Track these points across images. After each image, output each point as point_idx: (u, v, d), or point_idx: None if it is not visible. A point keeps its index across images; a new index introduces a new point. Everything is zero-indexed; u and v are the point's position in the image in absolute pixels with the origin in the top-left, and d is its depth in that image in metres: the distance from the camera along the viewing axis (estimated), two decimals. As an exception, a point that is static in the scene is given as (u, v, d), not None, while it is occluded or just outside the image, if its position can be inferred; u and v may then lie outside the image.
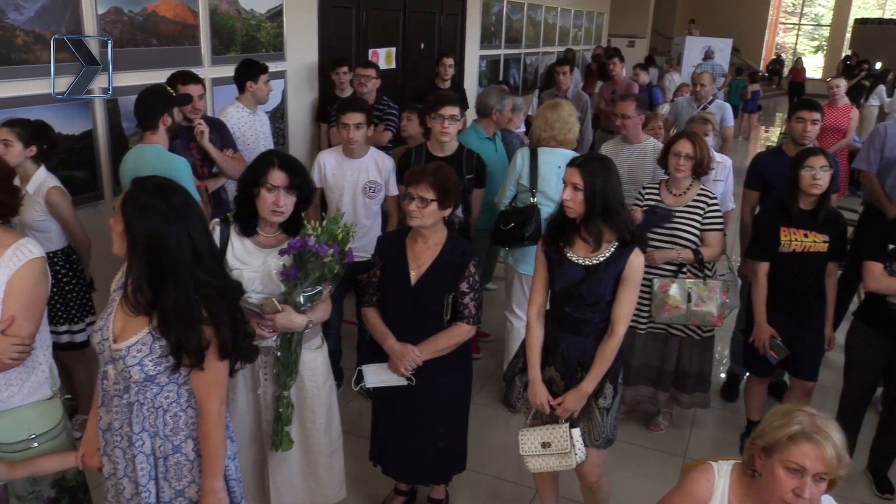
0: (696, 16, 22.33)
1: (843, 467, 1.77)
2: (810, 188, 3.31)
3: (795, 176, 3.34)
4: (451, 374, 2.92)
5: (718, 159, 4.20)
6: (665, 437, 4.00)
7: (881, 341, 3.37)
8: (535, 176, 3.82)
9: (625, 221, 2.61)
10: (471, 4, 9.36)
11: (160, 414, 2.04)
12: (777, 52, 26.09)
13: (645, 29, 18.84)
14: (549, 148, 3.88)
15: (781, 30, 28.09)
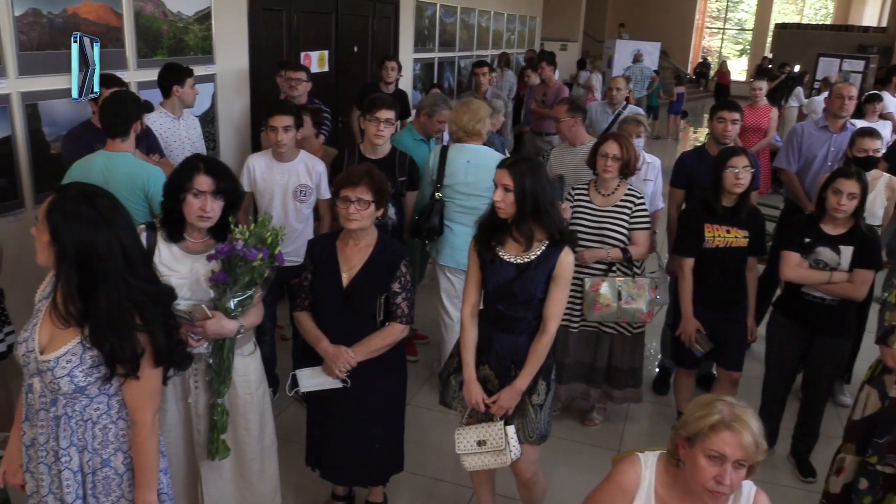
0: (626, 20, 22.87)
1: (760, 453, 1.85)
2: (733, 187, 3.44)
3: (719, 175, 3.46)
4: (386, 375, 2.93)
5: (648, 160, 4.32)
6: (599, 432, 4.08)
7: (798, 331, 3.53)
8: (443, 171, 4.01)
9: (554, 220, 2.65)
10: (404, 7, 9.36)
11: (89, 427, 1.99)
12: (704, 56, 26.96)
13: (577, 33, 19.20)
14: (459, 144, 4.07)
15: (707, 34, 29.04)
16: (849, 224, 3.38)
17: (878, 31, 22.67)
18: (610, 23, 23.73)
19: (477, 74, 6.86)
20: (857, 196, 3.29)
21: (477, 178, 3.93)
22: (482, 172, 3.83)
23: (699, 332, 3.59)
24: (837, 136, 4.80)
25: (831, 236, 3.39)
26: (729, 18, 29.38)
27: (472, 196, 4.00)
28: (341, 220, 2.77)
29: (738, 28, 29.46)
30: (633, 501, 2.00)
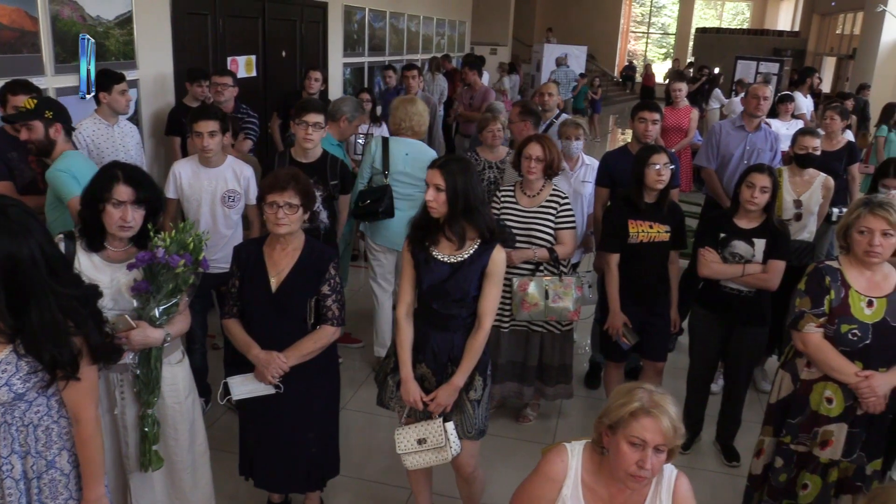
0: (554, 24, 23.29)
1: (679, 437, 1.93)
2: (655, 183, 3.55)
3: (641, 173, 3.58)
4: (319, 379, 2.93)
5: (587, 162, 4.43)
6: (534, 428, 4.16)
7: (718, 322, 3.67)
8: (388, 161, 4.34)
9: (485, 219, 2.70)
10: (332, 12, 9.33)
11: (31, 431, 1.98)
12: (629, 59, 27.66)
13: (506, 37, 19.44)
14: (399, 137, 4.44)
15: (632, 38, 29.83)
16: (761, 218, 3.54)
17: (792, 35, 23.74)
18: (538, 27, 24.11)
19: (406, 77, 6.90)
20: (768, 189, 3.45)
21: (413, 169, 4.32)
22: (418, 164, 4.23)
23: (626, 326, 3.70)
24: (753, 135, 5.01)
25: (745, 230, 3.54)
26: (652, 23, 30.24)
27: (408, 185, 4.38)
28: (269, 226, 2.75)
29: (662, 32, 30.35)
30: (561, 490, 2.06)
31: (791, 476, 2.93)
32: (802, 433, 2.86)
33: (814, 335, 2.76)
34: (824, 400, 2.80)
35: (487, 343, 2.82)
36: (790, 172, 4.38)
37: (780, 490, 2.96)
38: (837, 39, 20.48)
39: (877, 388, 2.67)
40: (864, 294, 2.72)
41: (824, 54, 21.31)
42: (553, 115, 5.60)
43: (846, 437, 2.80)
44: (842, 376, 2.72)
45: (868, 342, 2.68)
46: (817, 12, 22.51)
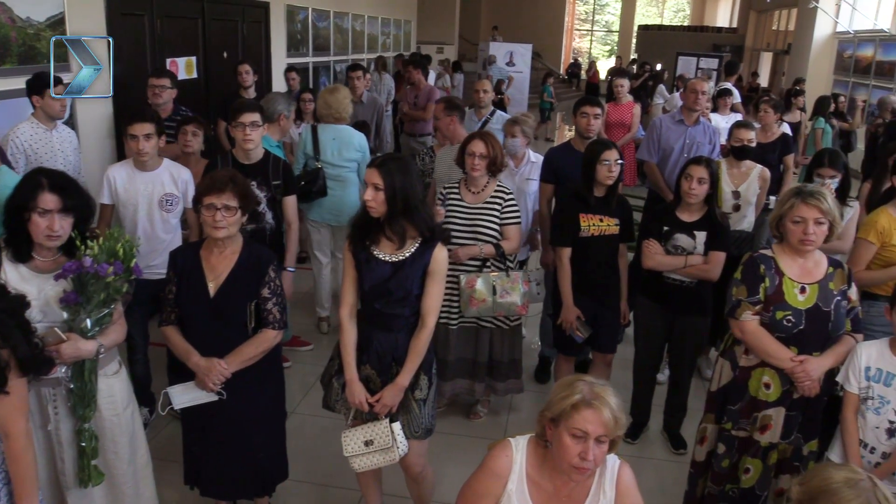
0: (500, 23, 23.43)
1: (620, 428, 1.95)
2: (605, 179, 3.60)
3: (592, 168, 3.61)
4: (263, 383, 2.88)
5: (533, 159, 4.45)
6: (485, 425, 4.17)
7: (661, 312, 3.74)
8: (318, 146, 4.85)
9: (425, 219, 2.69)
10: (274, 12, 9.21)
11: None
12: (575, 57, 27.99)
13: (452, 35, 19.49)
14: (326, 124, 4.97)
15: (577, 36, 30.22)
16: (703, 211, 3.61)
17: (730, 31, 24.36)
18: (484, 25, 24.24)
19: (351, 78, 6.85)
20: (706, 181, 3.52)
21: (340, 152, 4.92)
22: (344, 147, 4.92)
23: (579, 319, 3.74)
24: (692, 128, 5.12)
25: (687, 223, 3.61)
26: (596, 21, 30.69)
27: (336, 166, 4.93)
28: (207, 229, 2.69)
29: (606, 30, 30.82)
30: (507, 485, 2.06)
31: (733, 461, 2.99)
32: (742, 419, 2.93)
33: (750, 323, 2.82)
34: (762, 385, 2.87)
35: (435, 341, 2.81)
36: (728, 164, 4.48)
37: (723, 475, 3.02)
38: (773, 35, 21.07)
39: (811, 372, 2.75)
40: (797, 281, 2.79)
41: (761, 50, 21.91)
42: (488, 111, 5.63)
43: (784, 421, 2.88)
44: (778, 362, 2.79)
45: (802, 328, 2.75)
46: (754, 9, 23.12)
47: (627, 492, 2.06)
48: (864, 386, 2.73)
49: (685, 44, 19.91)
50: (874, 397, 2.71)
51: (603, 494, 2.05)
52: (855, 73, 14.01)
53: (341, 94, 5.00)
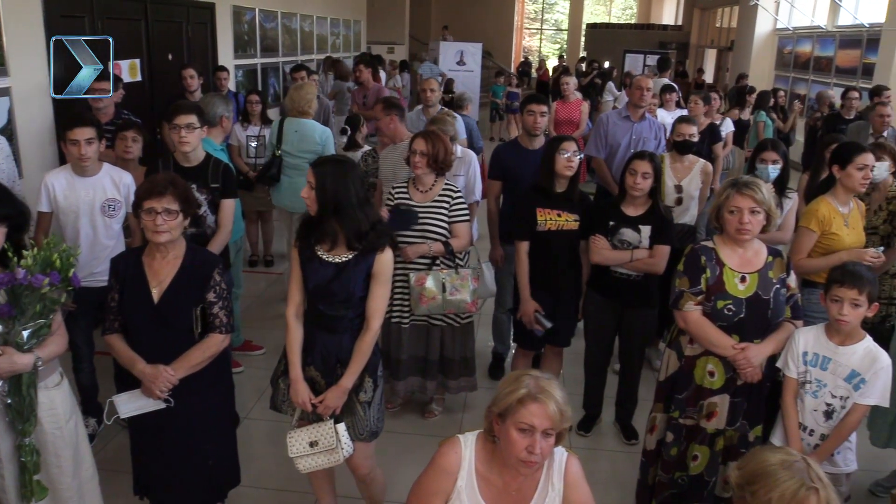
0: (450, 22, 23.47)
1: (566, 421, 1.97)
2: (564, 170, 3.64)
3: (551, 159, 3.65)
4: (211, 388, 2.85)
5: (459, 154, 4.47)
6: (440, 423, 4.18)
7: (610, 305, 3.79)
8: (281, 137, 5.49)
9: (356, 224, 2.64)
10: (220, 12, 9.07)
11: None
12: (525, 55, 28.18)
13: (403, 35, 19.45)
14: (290, 118, 5.52)
15: (527, 34, 30.44)
16: (647, 205, 3.68)
17: (675, 29, 24.82)
18: (434, 25, 24.26)
19: (295, 79, 6.80)
20: (650, 175, 3.58)
21: (301, 144, 5.42)
22: (305, 139, 5.41)
23: (538, 313, 3.77)
24: (638, 124, 5.21)
25: (632, 217, 3.67)
26: (545, 20, 30.96)
27: (294, 156, 5.43)
28: (148, 234, 2.65)
29: (555, 29, 31.10)
30: (457, 481, 2.07)
31: (682, 449, 3.06)
32: (689, 407, 3.00)
33: (693, 313, 2.89)
34: (707, 374, 2.94)
35: (387, 340, 2.81)
36: (671, 159, 4.57)
37: (673, 463, 3.08)
38: (717, 32, 21.53)
39: (752, 359, 2.83)
40: (737, 270, 2.86)
41: (706, 46, 22.37)
42: (436, 110, 5.66)
43: (729, 407, 2.95)
44: (720, 350, 2.87)
45: (742, 316, 2.83)
46: (698, 6, 23.60)
47: (575, 483, 2.09)
48: (802, 370, 2.82)
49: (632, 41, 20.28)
50: (812, 381, 2.80)
51: (551, 487, 2.08)
52: (795, 68, 14.40)
53: (305, 90, 5.54)
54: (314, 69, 9.85)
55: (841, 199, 3.59)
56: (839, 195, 3.60)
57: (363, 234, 2.65)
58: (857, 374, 2.73)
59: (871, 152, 3.61)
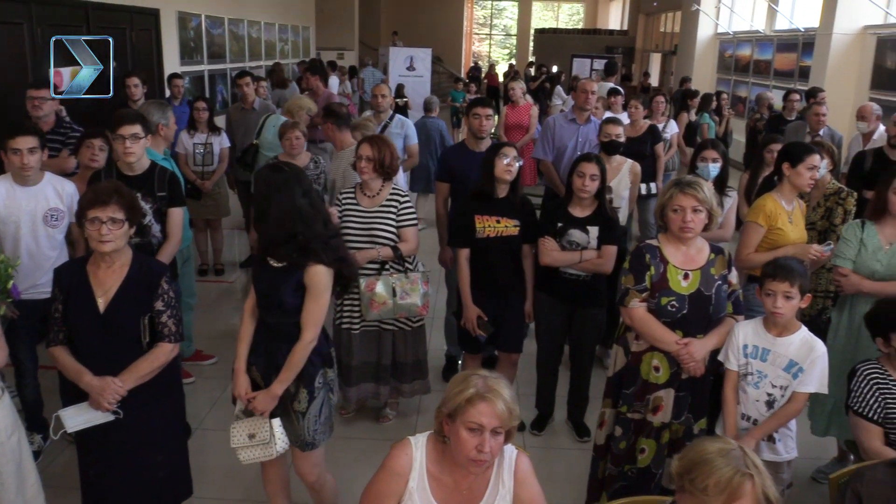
0: (399, 28, 23.52)
1: (514, 419, 2.01)
2: (504, 174, 3.66)
3: (491, 163, 3.68)
4: (162, 399, 2.81)
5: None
6: (394, 427, 4.18)
7: (560, 306, 3.85)
8: (262, 131, 5.98)
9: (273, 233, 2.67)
10: (165, 19, 8.96)
11: None
12: (475, 60, 28.36)
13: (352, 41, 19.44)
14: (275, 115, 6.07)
15: (477, 40, 30.65)
16: (593, 206, 3.74)
17: (621, 33, 25.30)
18: (384, 31, 24.29)
19: (240, 85, 6.75)
20: (597, 177, 3.65)
21: (274, 139, 5.66)
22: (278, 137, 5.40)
23: (480, 319, 3.80)
24: (584, 127, 5.30)
25: (579, 218, 3.73)
26: (495, 25, 31.21)
27: (269, 149, 5.80)
28: (93, 244, 2.60)
29: (504, 34, 31.38)
30: (408, 483, 2.09)
31: (630, 443, 3.13)
32: (636, 401, 3.07)
33: (638, 309, 2.96)
34: (652, 369, 3.02)
35: (338, 346, 2.81)
36: None
37: (622, 456, 3.15)
38: (661, 37, 22.00)
39: (695, 354, 2.91)
40: (680, 268, 2.95)
41: (651, 51, 22.84)
42: (387, 116, 5.68)
43: (674, 401, 3.03)
44: (664, 345, 2.94)
45: (685, 312, 2.91)
46: (642, 12, 24.09)
47: (525, 480, 2.12)
48: (742, 363, 2.91)
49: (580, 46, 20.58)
50: (753, 373, 2.90)
51: (502, 484, 2.11)
52: (736, 71, 14.82)
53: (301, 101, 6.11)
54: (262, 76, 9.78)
55: (787, 197, 3.71)
56: (785, 193, 3.72)
57: (278, 243, 2.67)
58: (795, 364, 2.83)
59: (818, 153, 3.74)
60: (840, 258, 3.43)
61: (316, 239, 2.68)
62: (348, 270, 2.82)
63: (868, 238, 3.38)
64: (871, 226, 3.41)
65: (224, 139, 6.24)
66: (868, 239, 3.38)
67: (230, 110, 7.29)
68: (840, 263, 3.42)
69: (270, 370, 2.76)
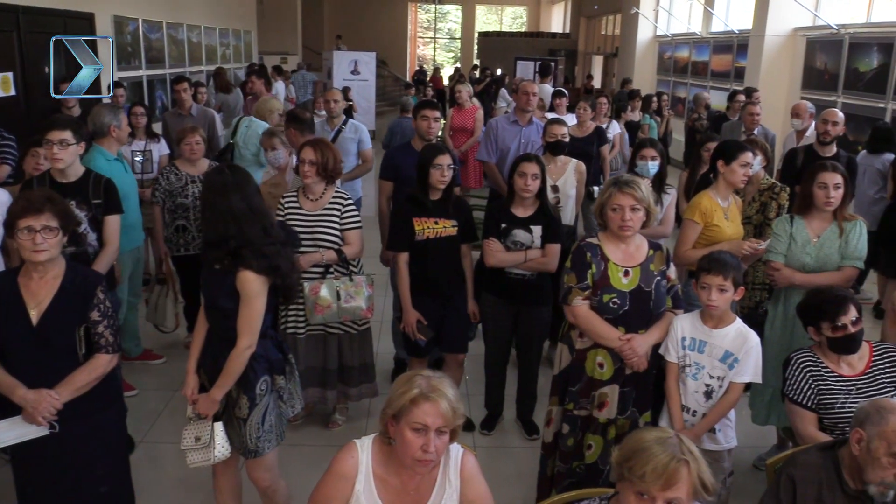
0: (343, 32, 23.43)
1: (458, 418, 2.02)
2: (438, 183, 3.68)
3: (425, 172, 3.69)
4: (102, 411, 2.75)
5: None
6: (344, 433, 4.14)
7: (506, 306, 3.88)
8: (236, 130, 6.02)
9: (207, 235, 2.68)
10: (100, 24, 8.74)
11: None
12: (420, 64, 28.41)
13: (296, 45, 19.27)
14: (249, 117, 6.15)
15: (421, 43, 30.71)
16: (536, 206, 3.78)
17: (563, 36, 25.64)
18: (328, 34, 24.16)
19: (177, 91, 6.64)
20: (538, 177, 3.69)
21: (245, 139, 5.87)
22: (249, 137, 5.83)
23: (420, 322, 3.80)
24: (526, 128, 5.36)
25: (523, 218, 3.77)
26: (439, 29, 31.32)
27: (241, 148, 5.90)
28: (25, 254, 2.53)
29: (449, 37, 31.51)
30: (355, 486, 2.08)
31: (577, 439, 3.17)
32: (582, 398, 3.11)
33: (581, 307, 3.01)
34: (597, 365, 3.07)
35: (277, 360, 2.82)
36: (545, 160, 4.65)
37: (569, 453, 3.19)
38: (602, 39, 22.40)
39: (637, 349, 2.97)
40: (620, 265, 3.00)
41: (593, 53, 23.23)
42: (340, 120, 5.65)
43: (619, 397, 3.09)
44: (607, 342, 2.99)
45: (627, 308, 2.97)
46: (584, 15, 24.48)
47: (472, 478, 2.13)
48: (682, 355, 2.99)
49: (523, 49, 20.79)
50: (691, 364, 2.98)
51: (448, 483, 2.11)
52: (675, 72, 15.18)
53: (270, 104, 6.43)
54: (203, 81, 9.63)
55: (722, 194, 3.82)
56: (721, 190, 3.82)
57: (213, 246, 2.67)
58: (730, 355, 2.92)
59: (751, 151, 3.86)
60: (772, 253, 3.55)
61: (249, 244, 2.65)
62: (283, 280, 2.75)
63: (797, 232, 3.51)
64: (800, 220, 3.54)
65: (163, 146, 6.11)
66: (797, 233, 3.51)
67: (166, 116, 7.16)
68: (772, 258, 3.54)
69: (215, 374, 2.74)
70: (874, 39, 8.64)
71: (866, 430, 2.22)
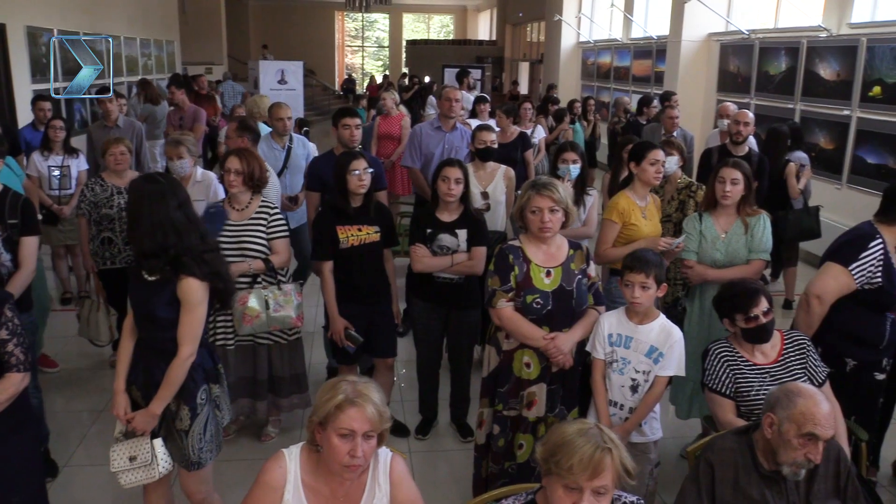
0: (269, 41, 23.16)
1: (385, 421, 2.03)
2: (357, 188, 3.69)
3: (343, 179, 3.69)
4: (14, 433, 2.65)
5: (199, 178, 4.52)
6: (278, 444, 4.06)
7: (435, 310, 3.91)
8: None
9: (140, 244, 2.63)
10: (12, 34, 8.44)
11: None
12: (349, 72, 28.32)
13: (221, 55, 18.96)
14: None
15: (349, 52, 30.60)
16: (460, 210, 3.83)
17: (490, 44, 25.97)
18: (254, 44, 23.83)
19: (103, 102, 6.45)
20: (462, 181, 3.74)
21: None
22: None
23: (347, 330, 3.80)
24: (450, 134, 5.44)
25: (448, 223, 3.81)
26: (367, 37, 31.28)
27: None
28: None
29: (377, 46, 31.50)
30: (283, 495, 2.07)
31: (508, 440, 3.22)
32: (511, 399, 3.17)
33: (505, 309, 3.06)
34: (524, 365, 3.13)
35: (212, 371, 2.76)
36: (474, 167, 4.69)
37: (502, 454, 3.24)
38: (528, 46, 22.77)
39: (562, 347, 3.04)
40: (542, 266, 3.07)
41: (519, 60, 23.58)
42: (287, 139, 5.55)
43: (547, 395, 3.15)
44: (533, 341, 3.06)
45: (550, 308, 3.04)
46: (509, 22, 24.84)
47: (401, 481, 2.14)
48: (608, 351, 3.07)
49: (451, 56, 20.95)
50: (618, 360, 3.06)
51: (378, 487, 2.12)
52: (598, 77, 15.54)
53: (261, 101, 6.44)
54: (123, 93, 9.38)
55: (639, 193, 3.94)
56: (637, 189, 3.95)
57: (150, 255, 2.62)
58: (655, 349, 3.02)
59: (661, 149, 4.00)
60: (684, 251, 3.69)
61: (189, 252, 2.63)
62: (223, 285, 2.77)
63: (706, 229, 3.66)
64: (708, 217, 3.70)
65: (82, 161, 5.91)
66: (706, 230, 3.66)
67: (91, 128, 6.95)
68: (684, 256, 3.69)
69: (149, 388, 2.68)
70: (782, 44, 9.06)
71: (777, 414, 2.33)
